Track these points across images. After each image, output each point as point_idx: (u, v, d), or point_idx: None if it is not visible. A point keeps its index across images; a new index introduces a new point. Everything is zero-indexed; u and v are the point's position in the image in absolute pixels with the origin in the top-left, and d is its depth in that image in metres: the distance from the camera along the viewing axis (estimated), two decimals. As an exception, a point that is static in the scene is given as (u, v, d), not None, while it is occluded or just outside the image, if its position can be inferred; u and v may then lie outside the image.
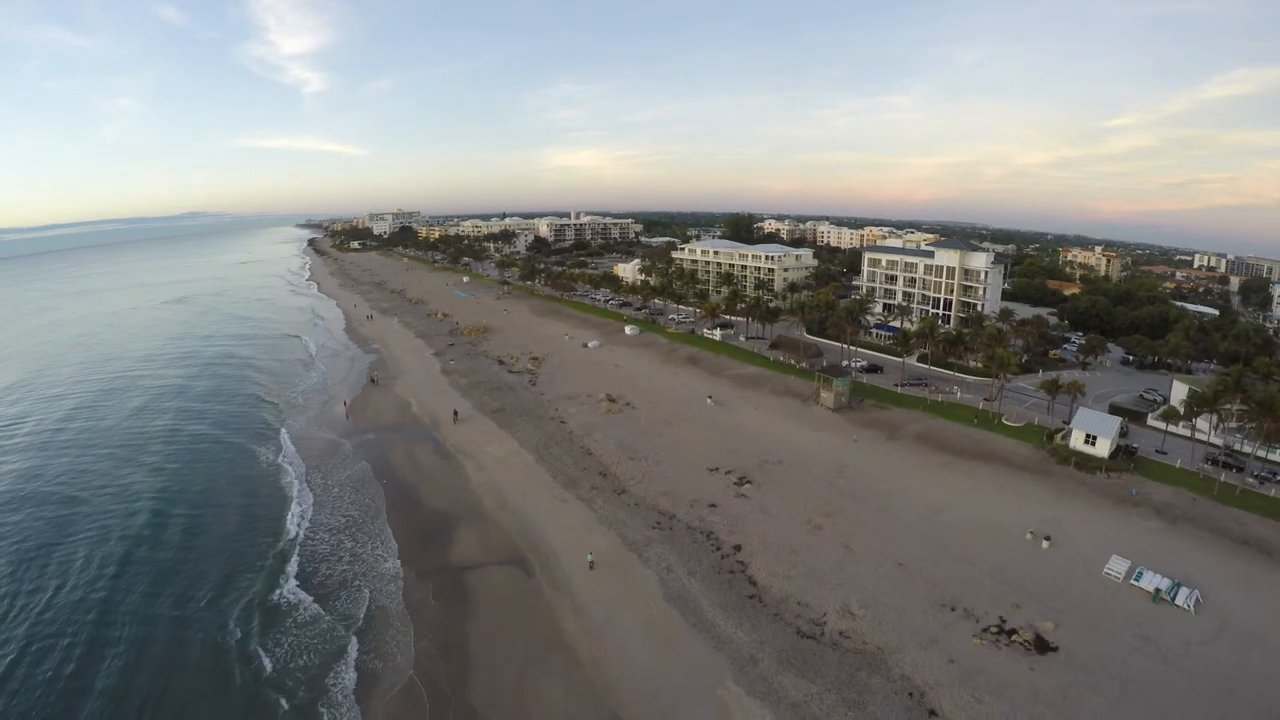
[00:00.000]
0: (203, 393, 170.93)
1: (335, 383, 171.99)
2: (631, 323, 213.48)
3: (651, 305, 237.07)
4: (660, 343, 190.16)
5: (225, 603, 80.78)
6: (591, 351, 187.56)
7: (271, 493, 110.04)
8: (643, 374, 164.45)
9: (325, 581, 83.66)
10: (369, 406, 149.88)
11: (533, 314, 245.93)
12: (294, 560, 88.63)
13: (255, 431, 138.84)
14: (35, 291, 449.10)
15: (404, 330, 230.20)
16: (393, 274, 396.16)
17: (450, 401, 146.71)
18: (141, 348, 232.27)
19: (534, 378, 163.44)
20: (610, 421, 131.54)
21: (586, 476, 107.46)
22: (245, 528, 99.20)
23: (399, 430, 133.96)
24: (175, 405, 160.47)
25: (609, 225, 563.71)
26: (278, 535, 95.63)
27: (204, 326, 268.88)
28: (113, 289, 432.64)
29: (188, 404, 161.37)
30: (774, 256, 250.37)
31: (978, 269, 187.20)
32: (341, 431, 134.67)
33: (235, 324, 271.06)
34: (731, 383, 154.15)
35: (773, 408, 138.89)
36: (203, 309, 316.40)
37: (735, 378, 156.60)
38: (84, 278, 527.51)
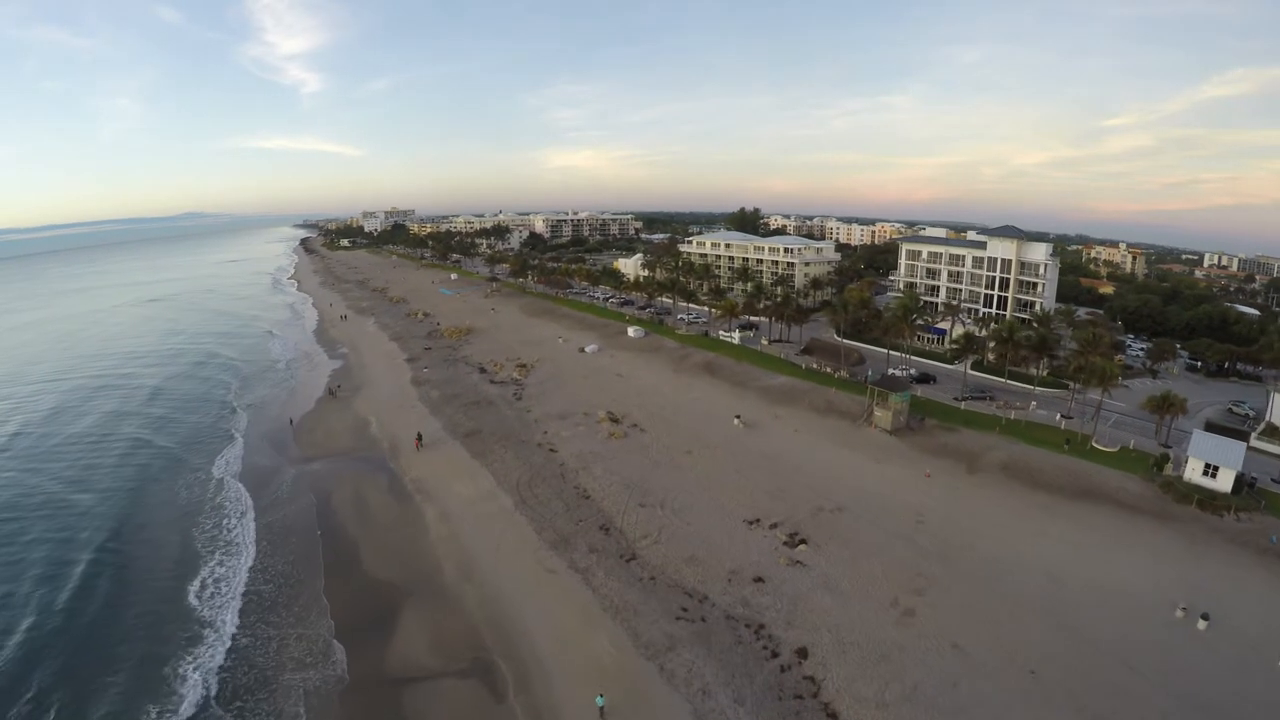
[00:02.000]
0: (143, 402, 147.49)
1: (290, 394, 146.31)
2: (635, 323, 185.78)
3: (657, 304, 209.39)
4: (669, 347, 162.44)
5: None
6: (589, 357, 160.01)
7: (181, 546, 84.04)
8: (651, 386, 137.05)
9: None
10: (321, 425, 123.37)
11: (523, 314, 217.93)
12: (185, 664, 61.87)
13: (184, 457, 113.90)
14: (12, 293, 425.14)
15: (378, 332, 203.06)
16: (378, 272, 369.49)
17: (417, 420, 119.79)
18: (92, 351, 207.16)
19: (520, 390, 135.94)
20: (613, 449, 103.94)
21: (583, 532, 79.69)
22: (140, 594, 74.30)
23: (351, 458, 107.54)
24: (107, 421, 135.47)
25: (608, 221, 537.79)
26: (178, 612, 70.04)
27: (170, 329, 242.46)
28: (97, 288, 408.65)
29: (121, 418, 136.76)
30: (794, 249, 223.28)
31: (1037, 262, 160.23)
32: (286, 456, 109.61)
33: (203, 326, 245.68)
34: (760, 397, 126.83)
35: (816, 429, 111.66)
36: (177, 310, 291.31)
37: (764, 390, 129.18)
38: (72, 278, 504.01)
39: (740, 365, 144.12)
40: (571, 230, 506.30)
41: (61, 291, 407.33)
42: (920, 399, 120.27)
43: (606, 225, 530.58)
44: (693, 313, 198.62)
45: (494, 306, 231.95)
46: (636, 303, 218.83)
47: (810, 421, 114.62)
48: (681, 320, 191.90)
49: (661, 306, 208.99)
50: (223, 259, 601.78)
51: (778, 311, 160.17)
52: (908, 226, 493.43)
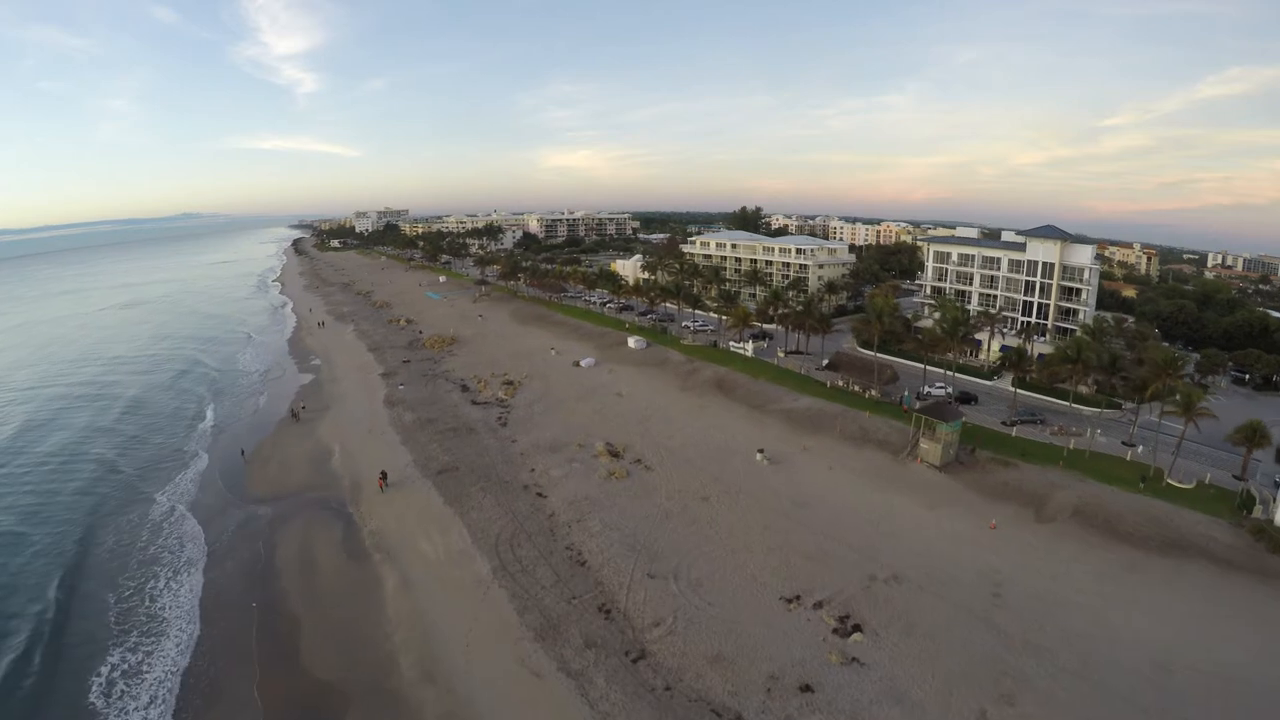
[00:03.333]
0: (115, 418, 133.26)
1: (255, 414, 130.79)
2: (636, 332, 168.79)
3: (659, 310, 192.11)
4: (675, 360, 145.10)
5: None
6: (585, 373, 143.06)
7: (98, 616, 68.69)
8: (656, 408, 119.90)
9: None
10: (276, 456, 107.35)
11: (513, 320, 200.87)
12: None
13: (140, 487, 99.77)
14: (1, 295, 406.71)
15: (355, 341, 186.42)
16: (365, 274, 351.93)
17: (385, 450, 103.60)
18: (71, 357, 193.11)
19: (505, 413, 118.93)
20: (613, 494, 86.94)
21: (577, 615, 62.77)
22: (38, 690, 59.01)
23: (304, 500, 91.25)
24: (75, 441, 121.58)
25: (604, 221, 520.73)
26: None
27: (146, 335, 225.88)
28: (84, 290, 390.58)
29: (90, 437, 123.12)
30: (806, 250, 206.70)
31: (1081, 266, 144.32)
32: (234, 495, 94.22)
33: (172, 333, 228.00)
34: (783, 423, 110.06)
35: (852, 465, 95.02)
36: (156, 314, 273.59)
37: (787, 415, 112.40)
38: (61, 279, 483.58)
39: (757, 383, 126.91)
40: (567, 230, 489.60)
41: (49, 294, 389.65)
42: (969, 426, 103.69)
43: (603, 225, 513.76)
44: (698, 320, 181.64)
45: (481, 313, 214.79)
46: (636, 307, 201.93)
47: (844, 455, 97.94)
48: (686, 329, 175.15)
49: (664, 312, 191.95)
50: (213, 260, 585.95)
51: (797, 321, 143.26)
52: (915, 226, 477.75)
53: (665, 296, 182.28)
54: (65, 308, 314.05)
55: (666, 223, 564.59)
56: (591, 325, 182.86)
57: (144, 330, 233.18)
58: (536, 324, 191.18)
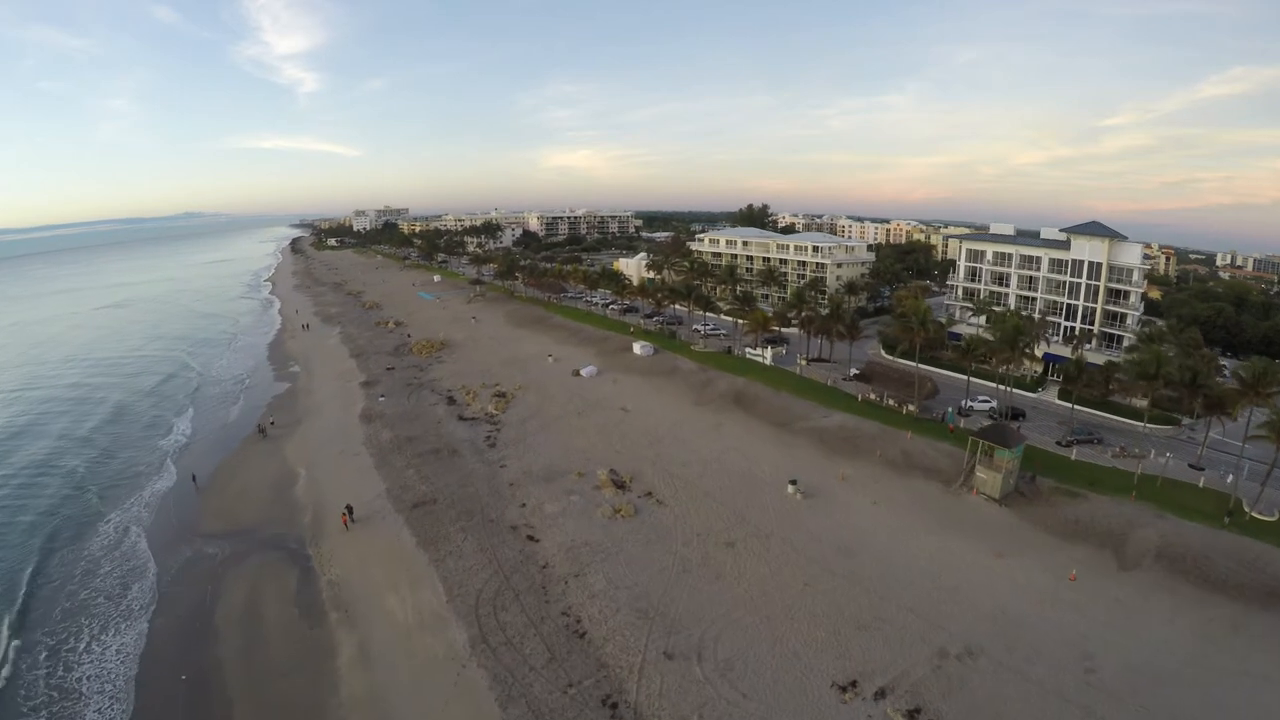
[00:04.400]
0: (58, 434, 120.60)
1: (219, 428, 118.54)
2: (642, 336, 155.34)
3: (666, 312, 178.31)
4: (686, 369, 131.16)
5: None
6: (586, 383, 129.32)
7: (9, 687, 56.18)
8: (667, 426, 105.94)
9: None
10: (236, 481, 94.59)
11: (508, 323, 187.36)
12: None
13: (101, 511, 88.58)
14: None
15: (339, 346, 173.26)
16: (359, 273, 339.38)
17: (356, 476, 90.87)
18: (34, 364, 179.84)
19: (495, 431, 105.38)
20: (619, 537, 73.20)
21: (574, 710, 48.96)
22: None
23: (259, 538, 78.26)
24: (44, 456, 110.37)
25: (606, 219, 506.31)
26: None
27: (123, 338, 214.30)
28: (77, 290, 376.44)
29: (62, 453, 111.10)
30: (823, 248, 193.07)
31: (1129, 265, 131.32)
32: (184, 529, 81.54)
33: (153, 335, 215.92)
34: (814, 444, 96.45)
35: (900, 499, 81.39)
36: (137, 315, 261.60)
37: (817, 435, 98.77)
38: (56, 279, 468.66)
39: (780, 396, 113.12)
40: (568, 228, 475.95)
41: (42, 293, 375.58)
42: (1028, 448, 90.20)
43: (605, 223, 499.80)
44: (709, 323, 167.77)
45: (475, 314, 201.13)
46: (641, 309, 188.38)
47: (889, 485, 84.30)
48: (697, 333, 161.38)
49: (671, 315, 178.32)
50: (209, 259, 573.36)
51: (823, 326, 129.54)
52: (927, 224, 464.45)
53: (674, 298, 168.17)
54: (57, 307, 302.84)
55: (669, 221, 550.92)
56: (593, 329, 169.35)
57: (130, 331, 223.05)
58: (533, 327, 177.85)
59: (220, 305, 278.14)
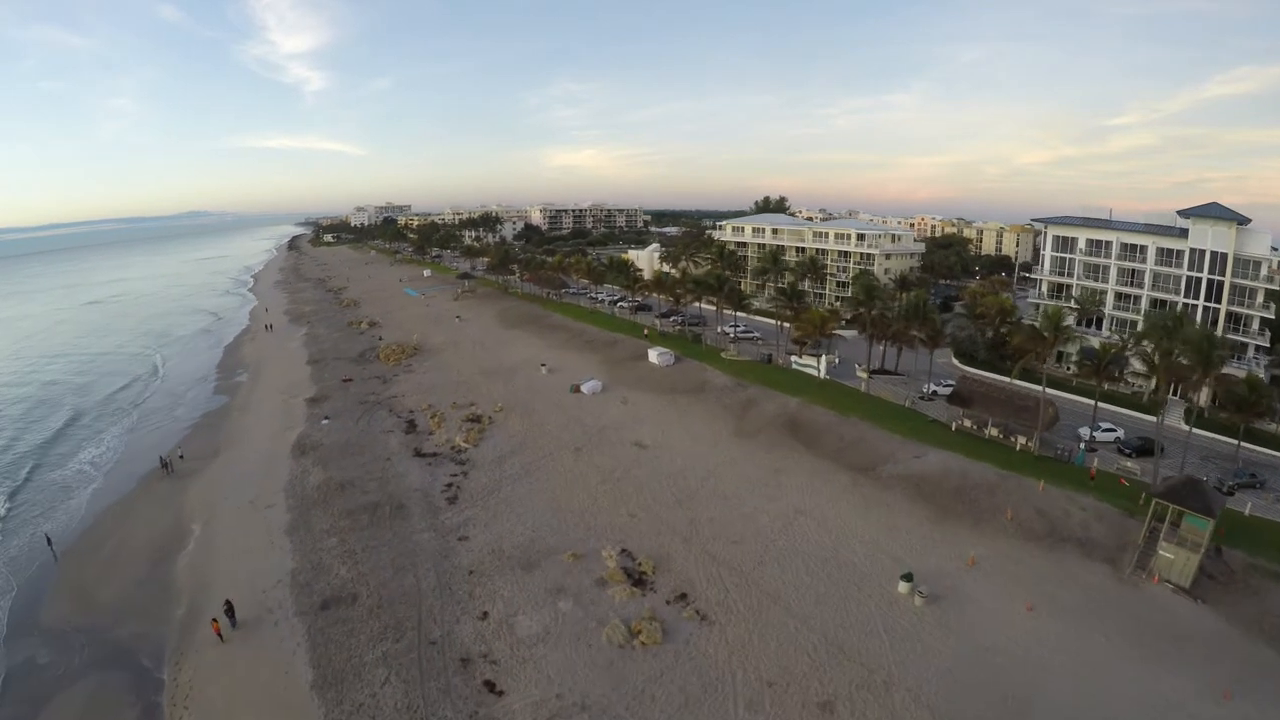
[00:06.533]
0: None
1: (127, 455, 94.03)
2: (659, 341, 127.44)
3: (685, 310, 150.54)
4: (718, 383, 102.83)
5: None
6: (587, 403, 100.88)
7: None
8: (700, 470, 77.09)
9: None
10: (107, 543, 69.17)
11: (499, 323, 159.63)
12: None
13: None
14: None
15: (299, 350, 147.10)
16: (346, 269, 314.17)
17: (257, 545, 64.36)
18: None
19: (460, 475, 77.32)
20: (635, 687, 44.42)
21: None
22: None
23: (107, 640, 53.34)
24: None
25: (613, 213, 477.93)
26: None
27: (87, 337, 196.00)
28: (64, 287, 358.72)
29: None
30: (869, 236, 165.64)
31: (1259, 257, 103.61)
32: (20, 617, 57.56)
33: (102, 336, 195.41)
34: (913, 500, 67.42)
35: (1062, 599, 52.40)
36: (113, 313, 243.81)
37: (914, 485, 69.70)
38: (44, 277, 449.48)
39: (849, 424, 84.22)
40: (573, 222, 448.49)
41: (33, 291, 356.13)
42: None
43: (612, 217, 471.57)
44: (740, 324, 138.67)
45: (460, 313, 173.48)
46: (655, 307, 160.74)
47: (1036, 571, 55.87)
48: (726, 335, 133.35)
49: (692, 314, 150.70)
50: (204, 256, 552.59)
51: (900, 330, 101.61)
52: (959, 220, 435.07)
53: (700, 293, 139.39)
54: (45, 304, 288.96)
55: (678, 218, 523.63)
56: (598, 330, 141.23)
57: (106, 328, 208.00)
58: (527, 328, 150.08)
59: (187, 305, 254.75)
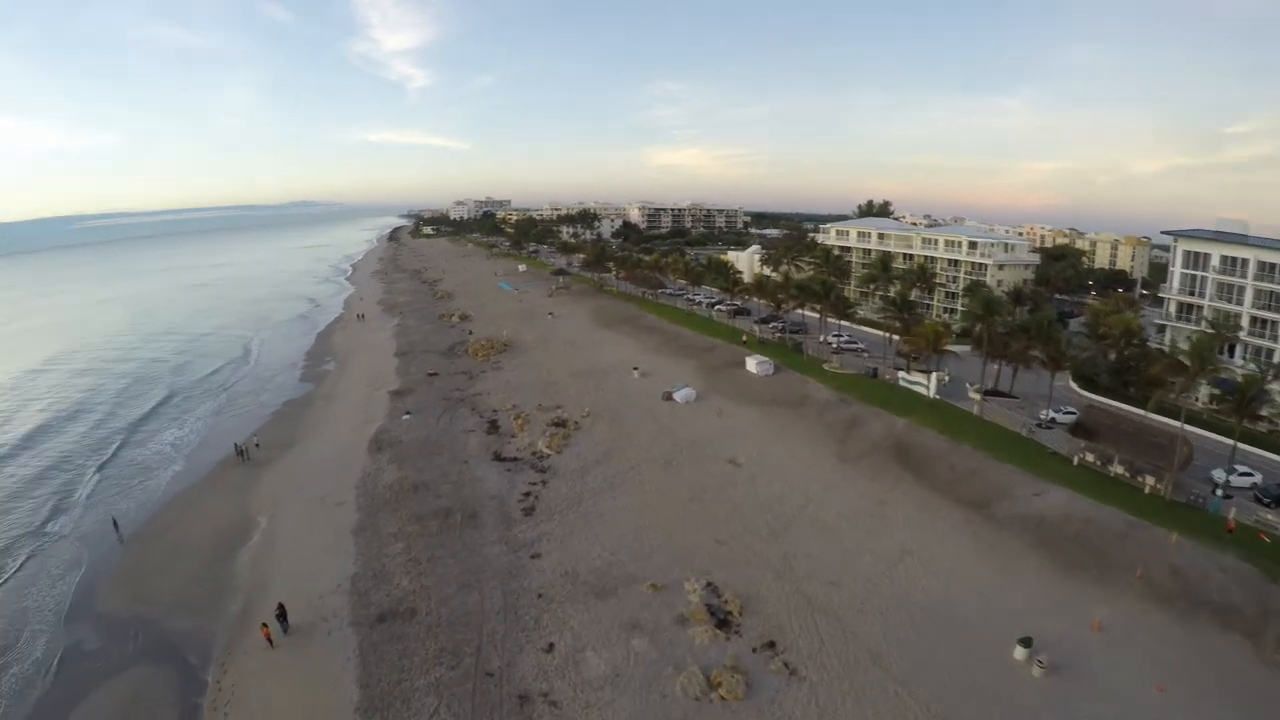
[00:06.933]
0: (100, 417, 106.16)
1: (207, 439, 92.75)
2: (757, 348, 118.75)
3: (786, 317, 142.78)
4: (819, 398, 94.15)
5: None
6: (680, 412, 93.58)
7: None
8: (798, 496, 68.71)
9: None
10: (172, 530, 66.59)
11: (592, 321, 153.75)
12: None
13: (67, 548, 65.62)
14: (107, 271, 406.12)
15: (388, 341, 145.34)
16: (443, 261, 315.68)
17: (323, 544, 60.28)
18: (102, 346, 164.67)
19: (540, 484, 71.36)
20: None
21: None
22: None
23: (158, 631, 50.87)
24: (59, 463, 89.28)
25: (713, 212, 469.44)
26: None
27: (168, 321, 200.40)
28: (167, 270, 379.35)
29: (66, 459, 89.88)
30: (981, 244, 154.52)
31: None
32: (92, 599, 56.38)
33: (207, 318, 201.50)
34: (1031, 546, 57.25)
35: (1198, 677, 41.94)
36: (204, 297, 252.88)
37: (1033, 528, 59.54)
38: (157, 259, 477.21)
39: (961, 453, 74.29)
40: (671, 221, 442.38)
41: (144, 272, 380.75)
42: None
43: (711, 217, 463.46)
44: (842, 334, 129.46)
45: (554, 310, 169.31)
46: (754, 311, 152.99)
47: (1168, 641, 45.47)
48: (828, 345, 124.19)
49: (793, 321, 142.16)
50: (309, 244, 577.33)
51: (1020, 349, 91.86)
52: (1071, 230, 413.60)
53: (804, 299, 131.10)
54: (154, 285, 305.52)
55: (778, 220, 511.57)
56: (694, 334, 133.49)
57: (207, 309, 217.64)
58: (621, 328, 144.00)
59: (286, 290, 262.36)
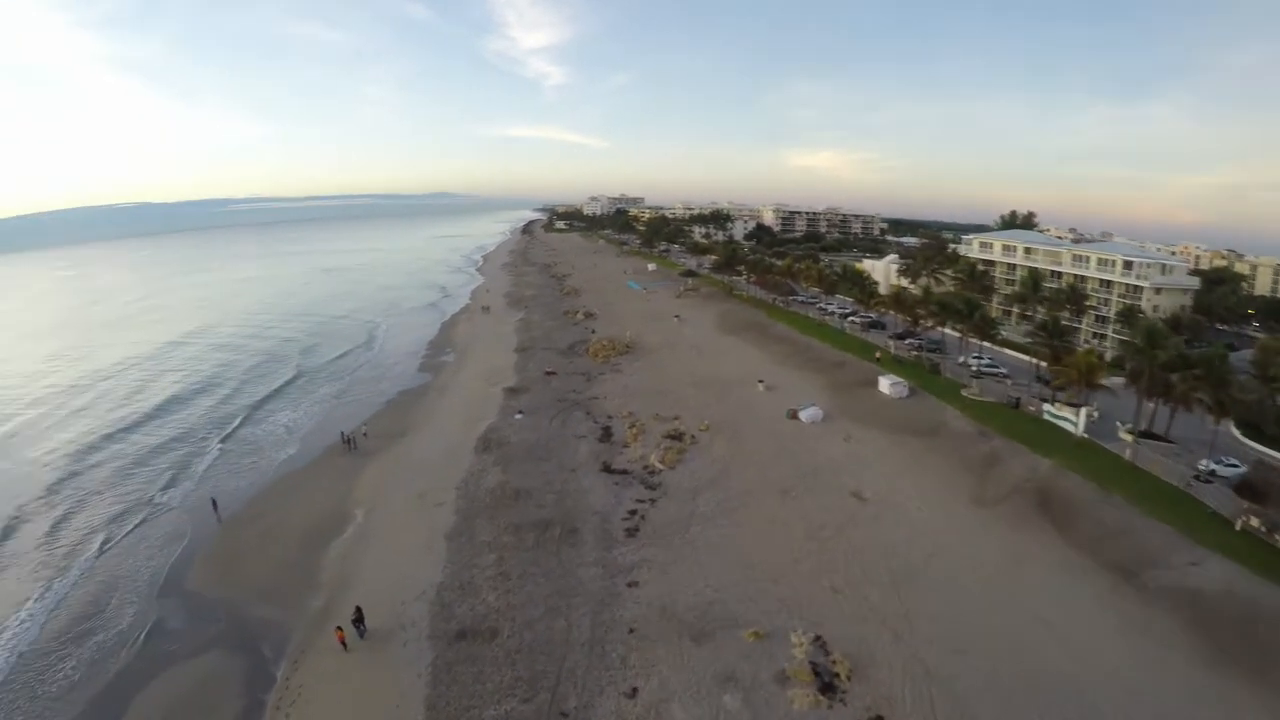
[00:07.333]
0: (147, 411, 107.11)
1: (317, 428, 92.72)
2: (891, 367, 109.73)
3: (922, 334, 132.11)
4: (956, 429, 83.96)
5: None
6: (805, 433, 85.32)
7: None
8: (927, 541, 58.77)
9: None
10: (270, 514, 66.79)
11: (718, 327, 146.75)
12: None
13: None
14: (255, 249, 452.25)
15: (510, 335, 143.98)
16: (573, 256, 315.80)
17: (415, 545, 57.67)
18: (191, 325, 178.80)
19: (648, 503, 65.36)
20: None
21: None
22: None
23: (239, 619, 50.46)
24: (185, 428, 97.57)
25: (849, 218, 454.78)
26: None
27: (306, 302, 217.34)
28: (309, 253, 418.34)
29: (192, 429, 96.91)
30: (1136, 264, 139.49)
31: None
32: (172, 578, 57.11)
33: (341, 301, 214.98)
34: (1187, 628, 45.41)
35: None
36: (342, 280, 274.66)
37: (1188, 606, 47.36)
38: (295, 242, 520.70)
39: (1110, 505, 62.32)
40: (806, 225, 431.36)
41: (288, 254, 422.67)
42: None
43: (847, 222, 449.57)
44: (983, 356, 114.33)
45: (680, 312, 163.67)
46: (889, 326, 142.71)
47: None
48: (967, 368, 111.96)
49: (930, 338, 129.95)
50: (439, 234, 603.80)
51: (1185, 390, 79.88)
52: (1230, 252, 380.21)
53: (944, 316, 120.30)
54: (292, 267, 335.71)
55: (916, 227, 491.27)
56: (824, 346, 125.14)
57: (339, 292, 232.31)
58: (748, 335, 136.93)
59: (418, 279, 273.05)
